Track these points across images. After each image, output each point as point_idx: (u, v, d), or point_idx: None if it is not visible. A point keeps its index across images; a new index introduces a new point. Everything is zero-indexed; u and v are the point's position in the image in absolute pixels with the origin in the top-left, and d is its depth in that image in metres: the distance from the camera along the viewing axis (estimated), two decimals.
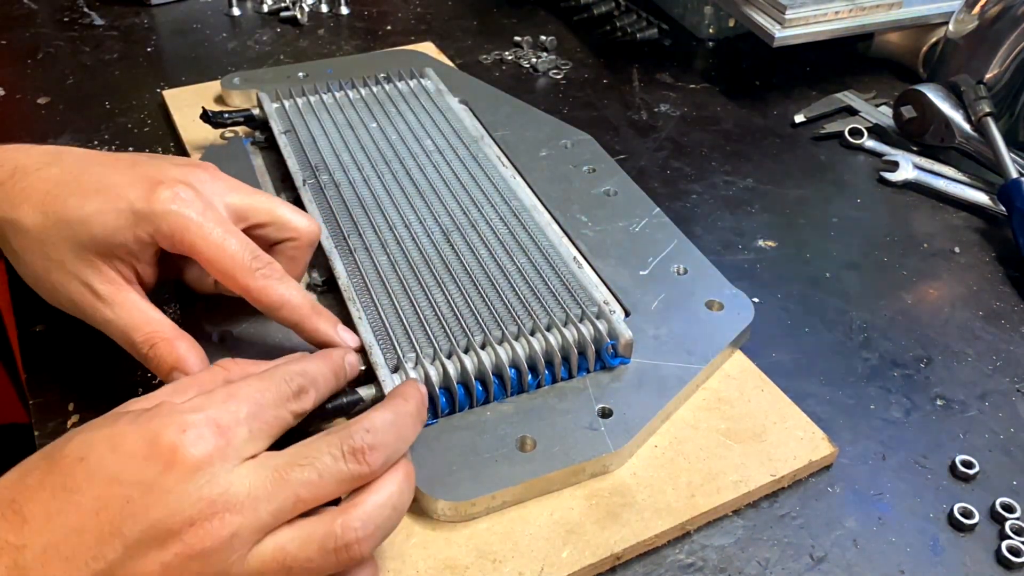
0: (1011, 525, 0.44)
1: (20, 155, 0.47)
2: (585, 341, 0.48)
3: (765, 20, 0.77)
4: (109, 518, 0.33)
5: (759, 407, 0.49)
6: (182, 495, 0.33)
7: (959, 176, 0.69)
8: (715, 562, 0.43)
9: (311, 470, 0.35)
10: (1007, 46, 0.70)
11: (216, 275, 0.45)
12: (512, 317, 0.49)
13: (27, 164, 0.46)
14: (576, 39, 0.90)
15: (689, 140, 0.75)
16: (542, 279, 0.52)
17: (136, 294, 0.46)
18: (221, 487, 0.33)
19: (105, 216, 0.44)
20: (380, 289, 0.51)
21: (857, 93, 0.80)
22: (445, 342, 0.47)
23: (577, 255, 0.57)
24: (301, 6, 0.92)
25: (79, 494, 0.33)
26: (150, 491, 0.33)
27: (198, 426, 0.34)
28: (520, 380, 0.47)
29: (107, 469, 0.33)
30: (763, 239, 0.64)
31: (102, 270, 0.45)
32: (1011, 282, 0.61)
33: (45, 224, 0.44)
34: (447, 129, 0.66)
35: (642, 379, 0.48)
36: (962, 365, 0.54)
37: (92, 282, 0.45)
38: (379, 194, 0.58)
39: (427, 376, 0.45)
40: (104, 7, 0.93)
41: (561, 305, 0.50)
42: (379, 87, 0.71)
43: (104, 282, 0.45)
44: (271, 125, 0.65)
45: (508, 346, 0.47)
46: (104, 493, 0.33)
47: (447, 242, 0.54)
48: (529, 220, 0.57)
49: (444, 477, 0.43)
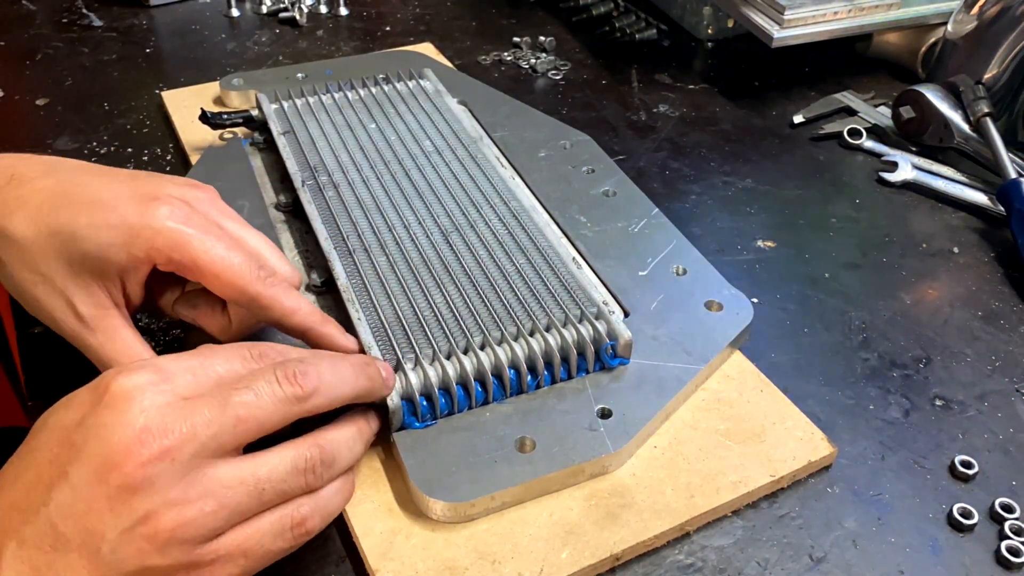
0: (1010, 525, 0.44)
1: (19, 163, 0.47)
2: (584, 342, 0.48)
3: (764, 21, 0.77)
4: (58, 463, 0.33)
5: (758, 408, 0.49)
6: (114, 426, 0.33)
7: (958, 176, 0.69)
8: (714, 563, 0.43)
9: (248, 392, 0.36)
10: (1006, 46, 0.70)
11: (220, 288, 0.43)
12: (511, 318, 0.49)
13: (24, 173, 0.46)
14: (575, 40, 0.90)
15: (688, 140, 0.75)
16: (541, 280, 0.52)
17: (121, 319, 0.45)
18: (156, 416, 0.34)
19: (98, 231, 0.43)
20: (379, 290, 0.51)
21: (856, 93, 0.80)
22: (444, 343, 0.47)
23: (576, 256, 0.57)
24: (300, 7, 0.92)
25: (39, 451, 0.34)
26: (86, 428, 0.34)
27: (135, 368, 0.35)
28: (519, 381, 0.47)
29: (60, 422, 0.35)
30: (762, 239, 0.64)
31: (90, 290, 0.44)
32: (1010, 282, 0.61)
33: (36, 236, 0.43)
34: (446, 130, 0.66)
35: (641, 380, 0.48)
36: (961, 365, 0.54)
37: (77, 303, 0.44)
38: (378, 195, 0.58)
39: (426, 377, 0.45)
40: (103, 8, 0.93)
41: (560, 306, 0.50)
42: (378, 88, 0.71)
43: (90, 305, 0.44)
44: (270, 126, 0.65)
45: (507, 347, 0.47)
46: (54, 443, 0.34)
47: (446, 243, 0.54)
48: (528, 221, 0.57)
49: (443, 478, 0.43)
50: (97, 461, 0.33)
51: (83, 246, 0.43)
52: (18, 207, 0.44)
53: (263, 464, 0.36)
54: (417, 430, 0.45)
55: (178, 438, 0.33)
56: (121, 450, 0.33)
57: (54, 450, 0.34)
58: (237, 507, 0.35)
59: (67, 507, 0.33)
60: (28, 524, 0.33)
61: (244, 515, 0.35)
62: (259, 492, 0.36)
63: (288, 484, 0.37)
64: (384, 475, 0.45)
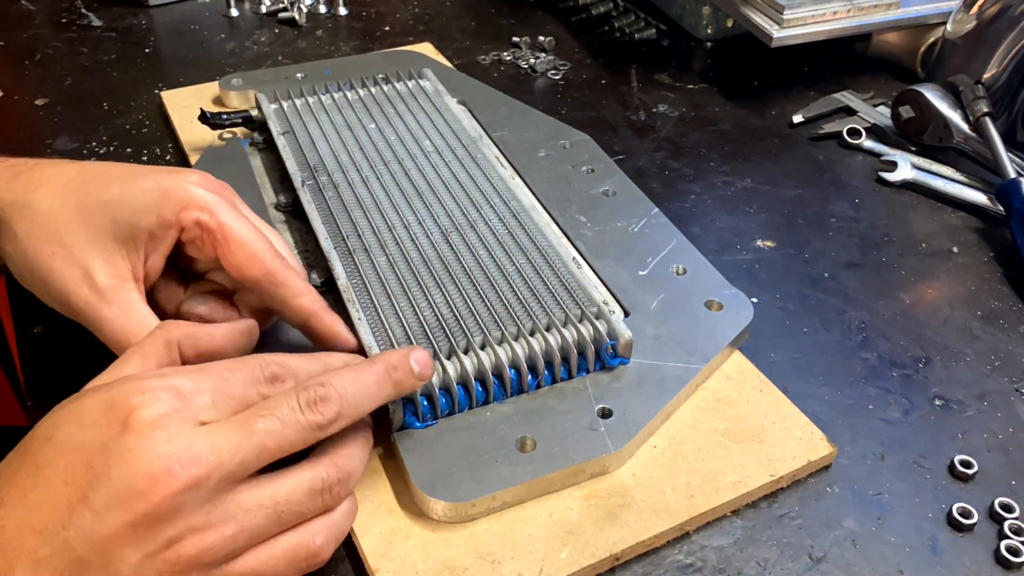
0: (1010, 525, 0.44)
1: (41, 160, 0.49)
2: (584, 341, 0.48)
3: (763, 20, 0.77)
4: (76, 486, 0.33)
5: (758, 407, 0.49)
6: (141, 453, 0.33)
7: (957, 176, 0.69)
8: (714, 563, 0.43)
9: (272, 419, 0.36)
10: (1005, 46, 0.70)
11: (240, 258, 0.45)
12: (512, 318, 0.49)
13: (48, 162, 0.48)
14: (574, 40, 0.90)
15: (687, 140, 0.75)
16: (541, 279, 0.52)
17: (137, 294, 0.45)
18: (182, 444, 0.33)
19: (132, 195, 0.45)
20: (379, 290, 0.51)
21: (855, 93, 0.80)
22: (445, 343, 0.47)
23: (576, 255, 0.57)
24: (299, 7, 0.92)
25: (48, 469, 0.34)
26: (110, 453, 0.33)
27: (155, 390, 0.35)
28: (520, 380, 0.47)
29: (72, 440, 0.34)
30: (761, 239, 0.64)
31: (112, 260, 0.44)
32: (1009, 282, 0.61)
33: (64, 207, 0.44)
34: (445, 130, 0.66)
35: (642, 379, 0.48)
36: (960, 365, 0.54)
37: (96, 273, 0.44)
38: (378, 195, 0.58)
39: None
40: (102, 8, 0.93)
41: (560, 305, 0.50)
42: (377, 88, 0.71)
43: (109, 275, 0.44)
44: (269, 126, 0.65)
45: (508, 347, 0.47)
46: (70, 463, 0.33)
47: (446, 243, 0.54)
48: (528, 220, 0.57)
49: (444, 478, 0.43)
50: (122, 488, 0.33)
51: (114, 212, 0.44)
52: (42, 184, 0.45)
53: (282, 487, 0.36)
54: (418, 430, 0.45)
55: (205, 468, 0.33)
56: (149, 479, 0.33)
57: (70, 470, 0.33)
58: (256, 530, 0.35)
59: (87, 531, 0.32)
60: (45, 546, 0.32)
61: (262, 537, 0.36)
62: (278, 515, 0.36)
63: (306, 506, 0.37)
64: (384, 475, 0.45)
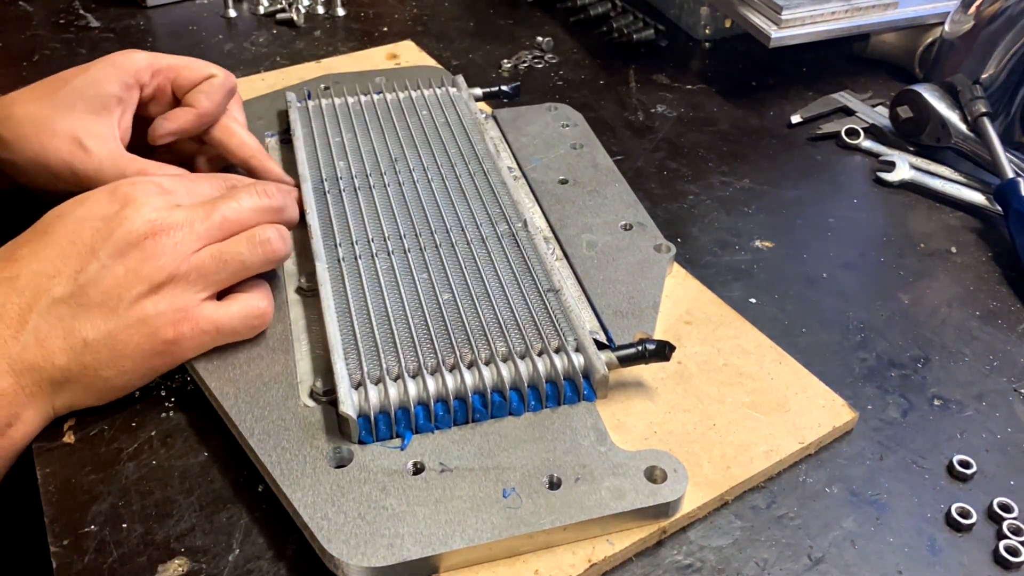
0: (1008, 525, 0.44)
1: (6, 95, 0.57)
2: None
3: (761, 21, 0.77)
4: (84, 243, 0.45)
5: (780, 379, 0.50)
6: (136, 219, 0.46)
7: (955, 176, 0.69)
8: (713, 563, 0.43)
9: (233, 201, 0.49)
10: (1003, 46, 0.70)
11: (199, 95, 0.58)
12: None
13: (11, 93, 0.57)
14: (573, 40, 0.90)
15: (686, 141, 0.75)
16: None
17: (121, 147, 0.56)
18: (165, 214, 0.46)
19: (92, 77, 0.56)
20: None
21: (853, 93, 0.80)
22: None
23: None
24: (297, 8, 0.92)
25: (56, 234, 0.46)
26: (113, 219, 0.46)
27: (145, 183, 0.48)
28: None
29: (76, 214, 0.46)
30: (760, 239, 0.64)
31: (92, 127, 0.54)
32: (1008, 282, 0.61)
33: (40, 106, 0.54)
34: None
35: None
36: (959, 365, 0.54)
37: (83, 137, 0.54)
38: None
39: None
40: (100, 9, 0.93)
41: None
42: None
43: (94, 137, 0.54)
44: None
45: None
46: (75, 229, 0.46)
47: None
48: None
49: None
50: (122, 244, 0.45)
51: (82, 93, 0.55)
52: (13, 102, 0.55)
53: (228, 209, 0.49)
54: None
55: (180, 227, 0.46)
56: (142, 235, 0.45)
57: (77, 233, 0.45)
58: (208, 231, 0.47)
59: (96, 277, 0.44)
60: (60, 286, 0.44)
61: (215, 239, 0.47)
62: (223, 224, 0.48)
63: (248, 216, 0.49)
64: None
